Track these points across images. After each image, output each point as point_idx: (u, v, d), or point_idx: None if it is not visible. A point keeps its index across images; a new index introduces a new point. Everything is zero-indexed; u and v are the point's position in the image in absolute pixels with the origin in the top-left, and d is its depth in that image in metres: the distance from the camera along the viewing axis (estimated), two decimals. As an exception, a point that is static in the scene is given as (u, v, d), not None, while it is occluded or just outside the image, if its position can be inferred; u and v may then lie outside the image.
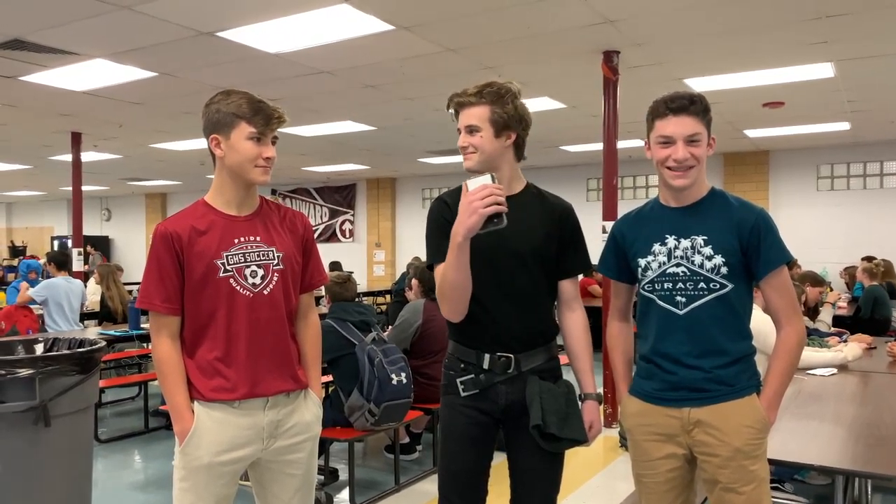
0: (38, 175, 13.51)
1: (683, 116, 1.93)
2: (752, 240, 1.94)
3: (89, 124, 8.44)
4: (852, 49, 5.54)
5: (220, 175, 2.07)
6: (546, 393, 2.05)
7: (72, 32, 4.99)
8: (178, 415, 1.98)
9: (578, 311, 2.20)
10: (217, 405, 1.99)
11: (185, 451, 1.97)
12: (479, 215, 1.82)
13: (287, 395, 2.08)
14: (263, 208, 2.12)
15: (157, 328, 2.01)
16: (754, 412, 1.94)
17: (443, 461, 2.18)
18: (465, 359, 2.13)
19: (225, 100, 2.00)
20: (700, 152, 1.94)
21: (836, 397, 3.32)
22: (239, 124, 1.98)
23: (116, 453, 5.12)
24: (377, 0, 4.42)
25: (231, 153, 2.00)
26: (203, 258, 1.98)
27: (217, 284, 1.99)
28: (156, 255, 1.99)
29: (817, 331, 5.00)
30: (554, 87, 6.78)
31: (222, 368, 1.99)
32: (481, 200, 1.81)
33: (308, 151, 10.48)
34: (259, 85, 6.34)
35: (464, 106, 2.08)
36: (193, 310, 2.00)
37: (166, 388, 1.99)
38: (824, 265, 9.84)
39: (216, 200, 2.07)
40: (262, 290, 2.03)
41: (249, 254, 2.03)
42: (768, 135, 9.40)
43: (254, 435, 2.02)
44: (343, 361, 4.00)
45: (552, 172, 12.37)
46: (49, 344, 3.43)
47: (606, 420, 5.65)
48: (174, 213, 2.08)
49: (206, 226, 2.02)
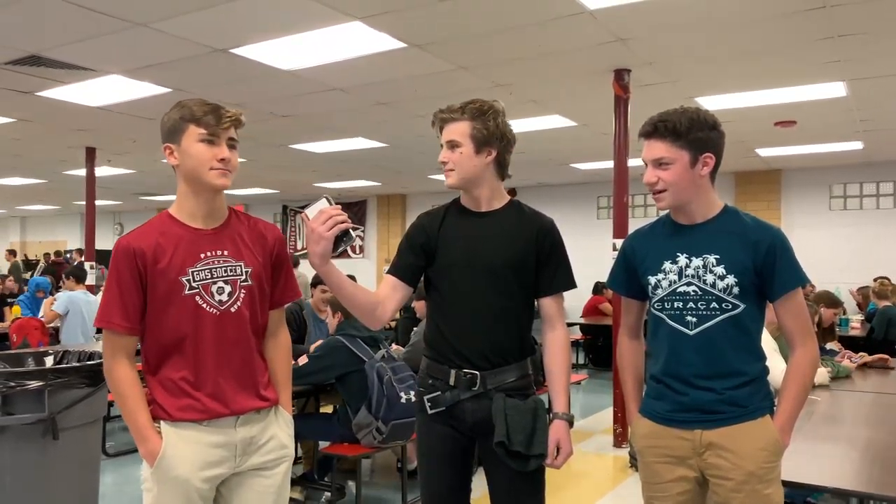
0: (53, 189, 13.64)
1: (650, 141, 1.95)
2: (767, 260, 1.91)
3: (104, 140, 8.52)
4: (865, 68, 5.52)
5: (180, 185, 1.97)
6: (511, 409, 2.02)
7: (88, 49, 5.05)
8: (142, 436, 1.89)
9: (559, 330, 2.16)
10: (186, 424, 1.91)
11: (158, 470, 1.88)
12: (326, 239, 1.81)
13: (258, 412, 1.99)
14: (232, 220, 2.02)
15: (113, 349, 1.90)
16: (768, 434, 1.91)
17: (422, 479, 2.18)
18: (434, 375, 2.12)
19: (176, 108, 1.94)
20: (669, 176, 1.92)
21: (850, 419, 3.27)
22: (188, 128, 1.89)
23: (124, 467, 5.11)
24: (390, 18, 4.46)
25: (184, 158, 1.91)
26: (167, 275, 1.89)
27: (182, 302, 1.90)
28: (116, 272, 1.89)
29: (831, 351, 4.94)
30: (565, 105, 6.80)
31: (189, 388, 1.91)
32: (322, 225, 1.80)
33: (320, 168, 10.53)
34: (272, 101, 6.39)
35: (446, 122, 2.09)
36: (157, 328, 1.92)
37: (127, 409, 1.90)
38: (837, 285, 9.75)
39: (180, 213, 1.97)
40: (230, 307, 1.95)
41: (216, 269, 1.94)
42: (780, 154, 9.37)
43: (226, 453, 1.94)
44: (351, 378, 3.97)
45: (563, 190, 12.38)
46: (59, 356, 3.44)
47: (616, 440, 5.60)
48: (137, 227, 1.98)
49: (169, 240, 1.92)
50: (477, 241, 2.11)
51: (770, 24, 4.58)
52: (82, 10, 4.30)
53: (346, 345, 4.00)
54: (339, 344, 3.99)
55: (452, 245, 2.13)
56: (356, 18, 4.45)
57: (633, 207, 11.57)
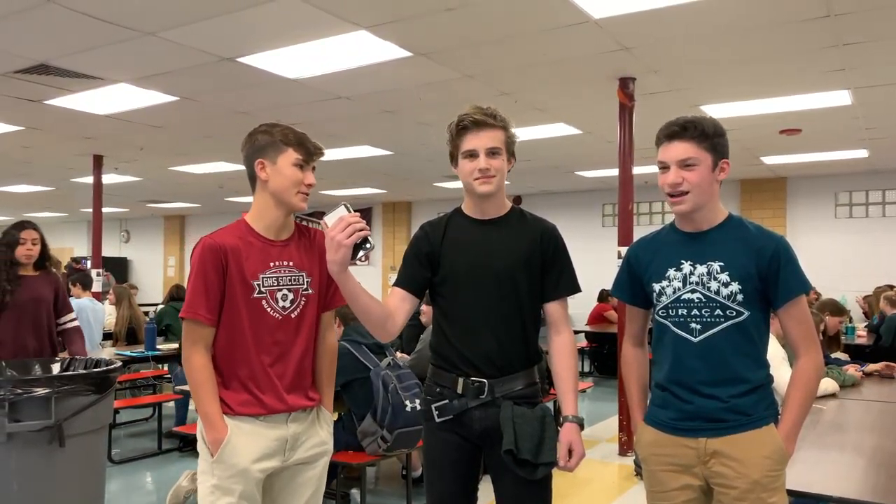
0: (60, 197, 13.71)
1: (676, 142, 1.94)
2: (771, 267, 1.91)
3: (111, 147, 8.57)
4: (870, 77, 5.52)
5: (262, 199, 2.14)
6: (519, 417, 2.02)
7: (96, 58, 5.09)
8: (211, 424, 2.04)
9: (565, 334, 2.18)
10: (245, 418, 2.06)
11: (220, 459, 2.02)
12: (345, 247, 1.84)
13: (305, 410, 2.16)
14: (297, 233, 2.21)
15: (194, 339, 2.06)
16: (773, 443, 1.91)
17: (429, 487, 2.18)
18: (441, 383, 2.13)
19: (271, 129, 2.12)
20: (695, 177, 1.92)
21: (856, 427, 3.26)
22: (286, 150, 2.09)
23: (129, 474, 5.12)
24: (396, 27, 4.48)
25: (276, 177, 2.09)
26: (242, 276, 2.07)
27: (250, 304, 2.07)
28: (202, 266, 2.05)
29: (837, 360, 4.92)
30: (570, 113, 6.81)
31: (249, 384, 2.07)
32: (342, 233, 1.84)
33: (325, 175, 10.57)
34: (278, 109, 6.42)
35: (484, 127, 2.06)
36: (227, 326, 2.07)
37: (200, 397, 2.06)
38: (843, 293, 9.72)
39: (256, 224, 2.14)
40: (291, 313, 2.13)
41: (282, 278, 2.12)
42: (786, 162, 9.35)
43: (279, 446, 2.10)
44: (357, 385, 3.97)
45: (568, 198, 12.37)
46: (65, 363, 3.46)
47: (622, 448, 5.58)
48: (218, 229, 2.14)
49: (246, 245, 2.10)
50: (482, 249, 2.12)
51: (775, 33, 4.59)
52: (91, 19, 4.33)
53: (352, 351, 4.00)
54: (344, 350, 3.99)
55: (458, 253, 2.13)
56: (362, 27, 4.48)
57: (639, 215, 11.56)
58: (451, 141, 2.13)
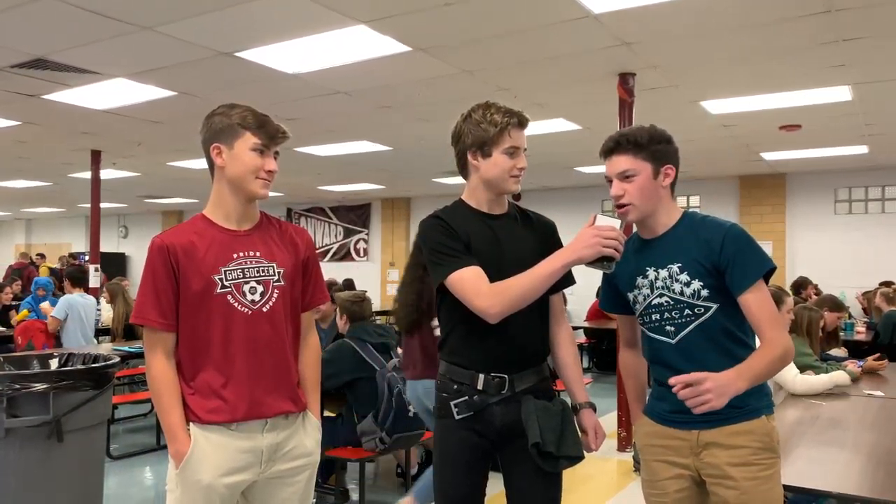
0: (58, 192, 13.69)
1: (614, 156, 2.03)
2: (723, 258, 1.91)
3: (109, 142, 8.55)
4: (870, 72, 5.51)
5: (219, 187, 2.01)
6: (542, 411, 2.04)
7: (94, 52, 5.07)
8: (172, 436, 1.90)
9: (564, 324, 2.24)
10: (214, 427, 1.91)
11: (183, 473, 1.89)
12: (596, 250, 1.86)
13: (286, 416, 2.00)
14: (263, 223, 2.07)
15: (151, 345, 1.93)
16: (766, 434, 1.93)
17: (440, 486, 2.14)
18: (458, 380, 2.09)
19: (229, 111, 1.97)
20: (634, 188, 1.98)
21: (855, 423, 3.26)
22: (243, 134, 1.94)
23: (128, 470, 5.12)
24: (395, 22, 4.47)
25: (233, 163, 1.95)
26: (200, 273, 1.91)
27: (214, 301, 1.92)
28: (151, 269, 1.93)
29: (834, 357, 4.92)
30: (569, 109, 6.80)
31: (219, 389, 1.91)
32: (605, 238, 1.85)
33: (324, 171, 10.55)
34: (276, 104, 6.40)
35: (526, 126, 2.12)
36: (189, 328, 1.93)
37: (161, 407, 1.92)
38: (842, 289, 9.73)
39: (215, 214, 2.01)
40: (262, 307, 1.96)
41: (248, 269, 1.96)
42: (785, 157, 9.35)
43: (252, 458, 1.94)
44: (361, 385, 3.94)
45: (567, 193, 12.37)
46: (64, 359, 3.45)
47: (620, 444, 5.58)
48: (171, 227, 2.05)
49: (203, 240, 1.95)
50: (500, 243, 2.11)
51: (775, 28, 4.57)
52: (88, 13, 4.32)
53: (357, 350, 3.97)
54: (350, 349, 3.97)
55: (480, 245, 2.08)
56: (361, 22, 4.46)
57: (638, 211, 11.53)
58: (487, 132, 2.06)
